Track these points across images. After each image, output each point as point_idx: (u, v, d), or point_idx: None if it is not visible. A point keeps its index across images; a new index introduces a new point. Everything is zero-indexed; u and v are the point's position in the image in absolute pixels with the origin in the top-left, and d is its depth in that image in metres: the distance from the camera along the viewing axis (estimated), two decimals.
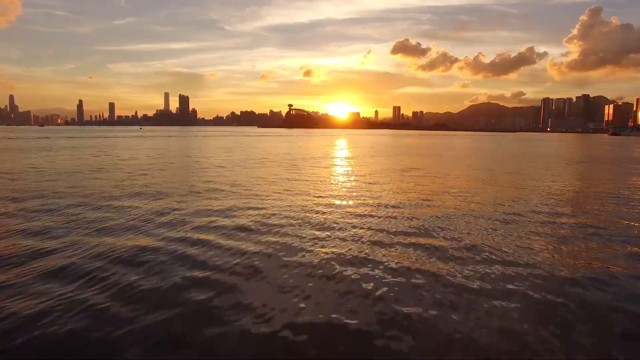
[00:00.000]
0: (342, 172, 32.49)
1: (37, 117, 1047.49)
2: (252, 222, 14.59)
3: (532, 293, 8.65)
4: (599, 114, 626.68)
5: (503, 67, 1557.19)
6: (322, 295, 8.48)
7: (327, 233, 13.25)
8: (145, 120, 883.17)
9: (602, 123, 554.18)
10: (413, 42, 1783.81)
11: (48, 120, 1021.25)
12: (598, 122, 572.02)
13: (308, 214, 15.96)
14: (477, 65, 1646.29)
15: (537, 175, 30.84)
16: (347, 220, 14.98)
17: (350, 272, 9.78)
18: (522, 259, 10.82)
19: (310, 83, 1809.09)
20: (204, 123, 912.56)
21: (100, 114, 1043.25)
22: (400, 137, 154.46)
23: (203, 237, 12.60)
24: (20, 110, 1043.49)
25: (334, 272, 9.79)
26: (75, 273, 9.46)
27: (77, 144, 70.29)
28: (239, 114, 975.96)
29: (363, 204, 18.11)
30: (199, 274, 9.52)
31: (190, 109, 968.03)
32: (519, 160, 46.60)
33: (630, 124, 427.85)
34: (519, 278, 9.47)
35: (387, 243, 12.20)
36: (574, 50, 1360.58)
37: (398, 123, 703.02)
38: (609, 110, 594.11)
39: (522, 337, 6.98)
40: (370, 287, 8.91)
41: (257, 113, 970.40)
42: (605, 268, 10.33)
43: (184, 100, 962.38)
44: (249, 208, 17.01)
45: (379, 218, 15.50)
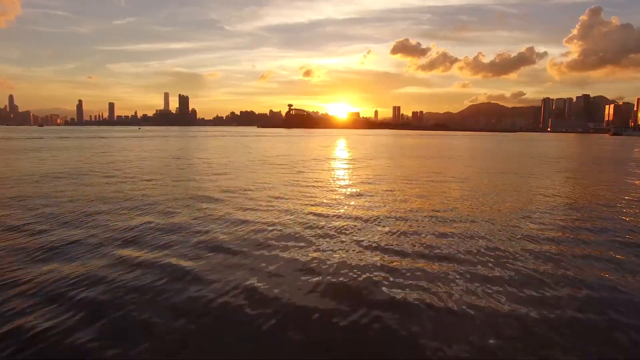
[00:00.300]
0: (345, 176, 30.18)
1: (36, 117, 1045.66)
2: (245, 243, 12.74)
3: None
4: (599, 114, 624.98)
5: (503, 67, 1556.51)
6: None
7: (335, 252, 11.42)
8: (145, 120, 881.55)
9: (602, 123, 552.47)
10: (413, 42, 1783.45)
11: (48, 121, 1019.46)
12: (598, 122, 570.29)
13: (310, 231, 14.13)
14: (477, 65, 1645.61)
15: (556, 180, 29.04)
16: (358, 239, 13.13)
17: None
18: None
19: (310, 83, 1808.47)
20: (204, 123, 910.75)
21: (100, 114, 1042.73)
22: (401, 137, 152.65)
23: (183, 257, 10.81)
24: (20, 110, 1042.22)
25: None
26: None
27: (70, 145, 68.44)
28: (239, 114, 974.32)
29: (375, 217, 16.04)
30: (190, 300, 7.72)
31: (190, 109, 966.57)
32: (532, 162, 44.74)
33: (631, 124, 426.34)
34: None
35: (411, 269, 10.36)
36: (574, 50, 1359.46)
37: (398, 123, 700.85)
38: (610, 110, 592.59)
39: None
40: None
41: (257, 113, 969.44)
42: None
43: (184, 100, 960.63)
44: (242, 222, 15.17)
45: (399, 236, 13.63)
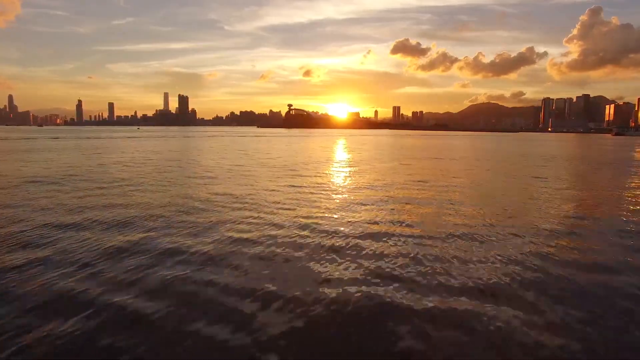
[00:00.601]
0: (351, 181, 27.11)
1: (36, 117, 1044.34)
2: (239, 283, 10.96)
3: None
4: (599, 114, 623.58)
5: (503, 67, 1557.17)
6: None
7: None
8: (145, 121, 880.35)
9: (602, 123, 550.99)
10: (413, 42, 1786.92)
11: (47, 121, 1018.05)
12: (598, 122, 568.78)
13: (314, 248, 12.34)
14: (477, 65, 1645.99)
15: (579, 185, 27.28)
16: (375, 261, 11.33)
17: None
18: None
19: (310, 83, 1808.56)
20: (204, 123, 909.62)
21: (100, 114, 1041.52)
22: (402, 137, 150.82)
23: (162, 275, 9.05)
24: (20, 111, 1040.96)
25: None
26: None
27: (63, 146, 66.66)
28: (239, 114, 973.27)
29: (387, 231, 13.90)
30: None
31: (190, 109, 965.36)
32: (547, 164, 42.96)
33: (632, 124, 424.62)
34: None
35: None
36: (574, 50, 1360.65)
37: (398, 123, 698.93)
38: (610, 110, 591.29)
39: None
40: None
41: (256, 113, 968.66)
42: None
43: (184, 100, 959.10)
44: (233, 240, 13.38)
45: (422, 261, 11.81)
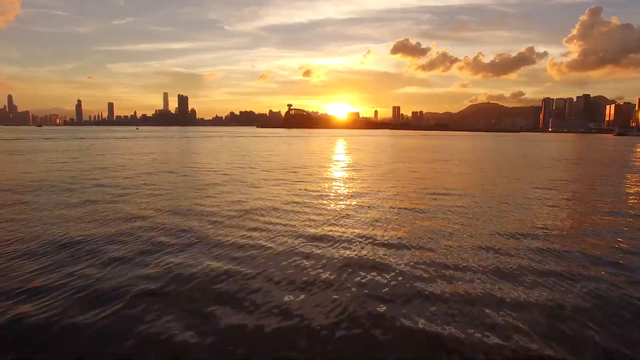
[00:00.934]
0: (358, 189, 23.34)
1: (35, 117, 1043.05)
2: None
3: None
4: (599, 114, 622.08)
5: (503, 67, 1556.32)
6: None
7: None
8: (145, 121, 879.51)
9: (602, 123, 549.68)
10: (413, 42, 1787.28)
11: (47, 121, 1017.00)
12: (599, 122, 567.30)
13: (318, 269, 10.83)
14: (476, 65, 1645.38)
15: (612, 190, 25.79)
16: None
17: None
18: None
19: (310, 83, 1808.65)
20: (203, 123, 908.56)
21: (100, 114, 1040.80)
22: (403, 138, 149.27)
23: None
24: (19, 110, 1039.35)
25: None
26: None
27: (54, 147, 65.10)
28: (238, 114, 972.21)
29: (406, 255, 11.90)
30: None
31: (190, 109, 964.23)
32: (560, 166, 41.49)
33: (632, 124, 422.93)
34: None
35: None
36: (574, 50, 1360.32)
37: (398, 123, 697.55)
38: (611, 110, 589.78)
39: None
40: None
41: (256, 113, 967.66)
42: None
43: (183, 101, 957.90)
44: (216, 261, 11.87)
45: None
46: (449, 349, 6.74)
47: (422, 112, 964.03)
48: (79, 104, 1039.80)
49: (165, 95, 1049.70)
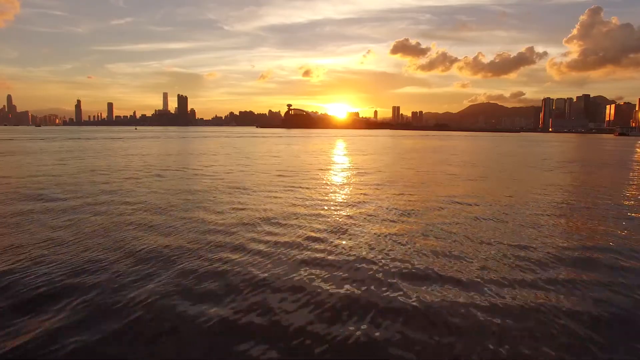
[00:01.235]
0: (367, 199, 20.66)
1: (35, 117, 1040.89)
2: None
3: None
4: (599, 114, 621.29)
5: (503, 67, 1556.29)
6: None
7: None
8: (144, 121, 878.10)
9: (603, 123, 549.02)
10: (412, 42, 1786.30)
11: (46, 121, 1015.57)
12: (599, 122, 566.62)
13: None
14: (476, 65, 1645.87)
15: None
16: None
17: None
18: None
19: (309, 83, 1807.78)
20: (203, 123, 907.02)
21: (99, 114, 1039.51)
22: (405, 138, 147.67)
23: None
24: (19, 111, 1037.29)
25: None
26: None
27: (44, 148, 63.28)
28: (238, 114, 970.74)
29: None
30: None
31: (189, 109, 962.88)
32: (585, 169, 39.84)
33: (633, 124, 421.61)
34: None
35: None
36: (574, 50, 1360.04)
37: (399, 123, 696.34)
38: (611, 110, 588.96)
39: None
40: None
41: (256, 113, 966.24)
42: None
43: (183, 101, 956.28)
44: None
45: None
46: None
47: (421, 112, 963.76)
48: (79, 104, 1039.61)
49: (165, 96, 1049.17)
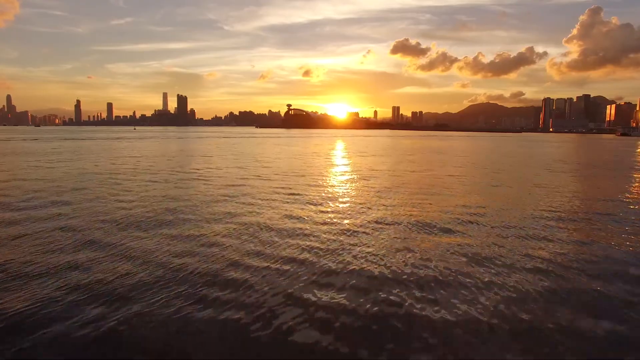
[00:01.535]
0: (381, 210, 18.16)
1: (34, 117, 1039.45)
2: None
3: None
4: (599, 114, 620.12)
5: (502, 67, 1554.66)
6: None
7: None
8: (143, 121, 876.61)
9: (603, 123, 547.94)
10: (412, 42, 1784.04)
11: (46, 121, 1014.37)
12: (599, 122, 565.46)
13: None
14: (476, 65, 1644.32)
15: None
16: None
17: None
18: None
19: (309, 83, 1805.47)
20: (203, 123, 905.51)
21: (98, 114, 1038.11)
22: (405, 138, 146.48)
23: None
24: (18, 111, 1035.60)
25: None
26: None
27: (31, 150, 61.78)
28: (238, 114, 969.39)
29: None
30: None
31: (189, 109, 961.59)
32: (604, 172, 38.62)
33: (633, 124, 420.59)
34: None
35: None
36: (574, 50, 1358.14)
37: (399, 123, 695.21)
38: (611, 111, 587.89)
39: None
40: None
41: (255, 113, 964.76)
42: None
43: (182, 101, 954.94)
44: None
45: None
46: None
47: (421, 112, 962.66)
48: (78, 104, 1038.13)
49: (165, 95, 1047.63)
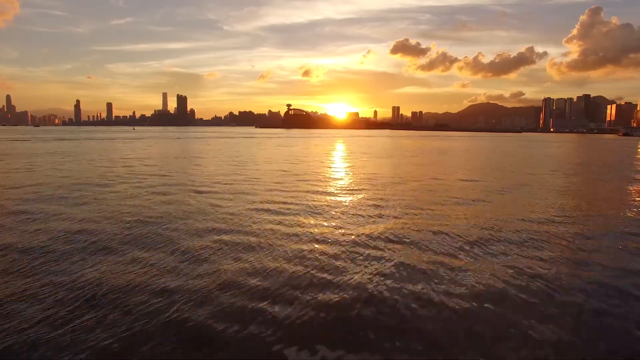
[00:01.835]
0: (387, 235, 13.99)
1: (34, 117, 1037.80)
2: None
3: None
4: (599, 114, 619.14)
5: (502, 67, 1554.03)
6: None
7: None
8: (143, 121, 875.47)
9: (603, 123, 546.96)
10: (412, 42, 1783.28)
11: (45, 121, 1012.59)
12: (599, 122, 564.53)
13: None
14: (476, 65, 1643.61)
15: None
16: None
17: None
18: None
19: (309, 83, 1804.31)
20: (202, 123, 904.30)
21: (98, 114, 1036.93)
22: (405, 138, 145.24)
23: None
24: (18, 111, 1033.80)
25: None
26: None
27: (20, 151, 60.34)
28: (237, 114, 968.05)
29: None
30: None
31: (189, 109, 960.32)
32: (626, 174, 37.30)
33: (634, 124, 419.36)
34: None
35: None
36: (574, 50, 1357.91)
37: (399, 123, 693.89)
38: (612, 110, 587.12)
39: None
40: None
41: (255, 113, 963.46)
42: None
43: (182, 101, 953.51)
44: None
45: None
46: None
47: (421, 112, 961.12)
48: (78, 104, 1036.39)
49: (164, 96, 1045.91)
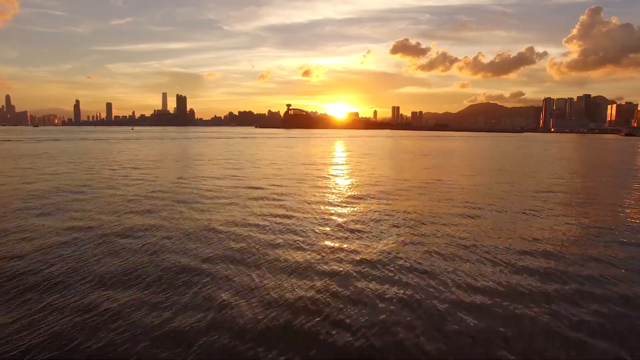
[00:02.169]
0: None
1: (34, 117, 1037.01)
2: None
3: None
4: (600, 114, 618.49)
5: (502, 67, 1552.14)
6: None
7: None
8: (143, 121, 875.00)
9: (603, 123, 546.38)
10: (412, 42, 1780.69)
11: (45, 121, 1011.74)
12: (599, 122, 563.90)
13: None
14: (476, 65, 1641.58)
15: None
16: None
17: None
18: None
19: (309, 83, 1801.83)
20: (202, 123, 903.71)
21: (98, 114, 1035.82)
22: (406, 139, 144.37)
23: None
24: (17, 111, 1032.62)
25: None
26: None
27: (10, 153, 59.84)
28: (237, 114, 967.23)
29: None
30: None
31: (188, 109, 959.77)
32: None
33: (634, 124, 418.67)
34: None
35: None
36: (574, 50, 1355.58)
37: (398, 123, 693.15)
38: (612, 110, 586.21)
39: None
40: None
41: (255, 113, 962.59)
42: None
43: (182, 101, 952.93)
44: None
45: None
46: None
47: (421, 112, 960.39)
48: (77, 104, 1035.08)
49: (164, 96, 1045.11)
